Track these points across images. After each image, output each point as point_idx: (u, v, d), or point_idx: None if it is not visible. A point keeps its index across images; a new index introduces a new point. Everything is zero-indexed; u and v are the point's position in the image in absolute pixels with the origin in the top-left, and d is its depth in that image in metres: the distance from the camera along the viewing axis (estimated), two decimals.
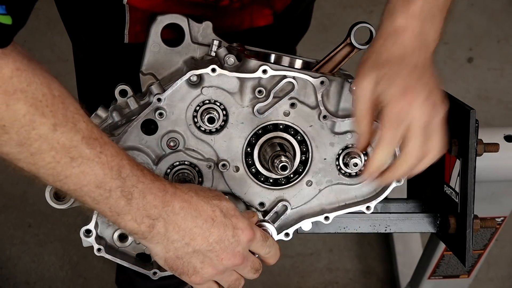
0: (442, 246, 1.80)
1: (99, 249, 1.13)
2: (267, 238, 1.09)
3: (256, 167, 1.16)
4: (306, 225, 1.19)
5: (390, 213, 1.25)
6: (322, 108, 1.13)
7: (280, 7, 1.33)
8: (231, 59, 1.13)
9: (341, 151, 1.17)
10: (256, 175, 1.17)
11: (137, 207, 0.96)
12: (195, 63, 1.19)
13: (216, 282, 1.07)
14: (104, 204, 0.95)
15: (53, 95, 0.88)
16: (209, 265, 1.03)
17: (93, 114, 1.19)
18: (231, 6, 1.22)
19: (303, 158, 1.17)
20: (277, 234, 1.17)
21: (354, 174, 1.19)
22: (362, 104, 1.03)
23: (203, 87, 1.12)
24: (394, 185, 1.18)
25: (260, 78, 1.11)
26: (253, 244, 1.06)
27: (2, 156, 0.89)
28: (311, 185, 1.18)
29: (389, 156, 1.05)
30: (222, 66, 1.11)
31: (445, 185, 1.23)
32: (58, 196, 1.12)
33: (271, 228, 1.13)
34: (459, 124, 1.16)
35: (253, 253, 1.09)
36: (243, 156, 1.16)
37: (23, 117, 0.85)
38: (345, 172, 1.18)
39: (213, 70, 1.10)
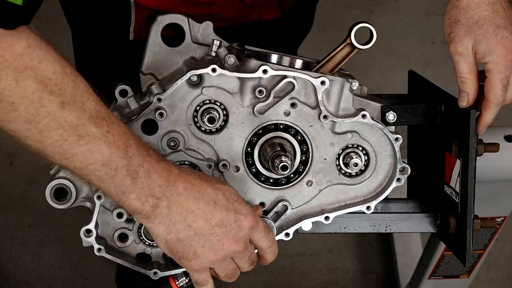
0: (442, 246, 1.80)
1: (99, 249, 1.13)
2: (269, 231, 1.09)
3: (256, 167, 1.16)
4: (306, 225, 1.19)
5: (390, 213, 1.25)
6: (322, 108, 1.13)
7: (289, 4, 1.34)
8: (231, 59, 1.13)
9: (341, 151, 1.17)
10: (257, 175, 1.17)
11: (142, 186, 0.96)
12: (195, 63, 1.19)
13: (212, 276, 1.07)
14: (110, 182, 0.95)
15: (65, 72, 0.88)
16: (209, 249, 1.02)
17: None
18: (231, 1, 1.22)
19: (304, 158, 1.17)
20: (277, 234, 1.17)
21: (354, 174, 1.19)
22: (467, 64, 1.12)
23: (203, 87, 1.12)
24: (394, 185, 1.18)
25: (260, 78, 1.11)
26: (255, 233, 1.06)
27: (10, 133, 0.89)
28: (311, 185, 1.18)
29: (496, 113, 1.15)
30: (222, 66, 1.11)
31: (445, 185, 1.23)
32: (58, 196, 1.12)
33: (272, 224, 1.13)
34: (459, 124, 1.16)
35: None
36: (244, 156, 1.16)
37: (32, 94, 0.86)
38: (345, 172, 1.18)
39: (214, 70, 1.10)
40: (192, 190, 1.01)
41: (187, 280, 1.13)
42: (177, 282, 1.13)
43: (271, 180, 1.18)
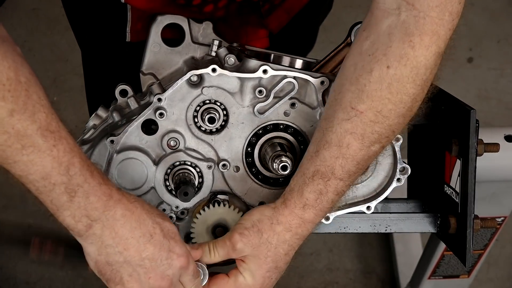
0: (442, 246, 1.81)
1: None
2: (197, 276, 1.09)
3: (256, 167, 1.16)
4: None
5: (390, 213, 1.25)
6: (322, 108, 1.13)
7: (276, 27, 1.32)
8: (231, 59, 1.13)
9: None
10: (257, 175, 1.17)
11: (78, 205, 0.96)
12: (195, 63, 1.19)
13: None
14: (46, 195, 0.95)
15: (19, 80, 0.87)
16: (136, 280, 1.02)
17: (93, 114, 1.19)
18: (215, 14, 1.22)
19: None
20: None
21: None
22: (223, 257, 1.10)
23: (203, 87, 1.12)
24: (394, 185, 1.18)
25: (260, 78, 1.11)
26: (184, 274, 1.06)
27: None
28: None
29: None
30: (222, 66, 1.11)
31: (445, 185, 1.23)
32: None
33: (205, 271, 1.11)
34: (460, 124, 1.16)
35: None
36: (244, 156, 1.16)
37: None
38: None
39: (214, 70, 1.10)
40: (130, 219, 1.00)
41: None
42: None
43: (271, 180, 1.18)
